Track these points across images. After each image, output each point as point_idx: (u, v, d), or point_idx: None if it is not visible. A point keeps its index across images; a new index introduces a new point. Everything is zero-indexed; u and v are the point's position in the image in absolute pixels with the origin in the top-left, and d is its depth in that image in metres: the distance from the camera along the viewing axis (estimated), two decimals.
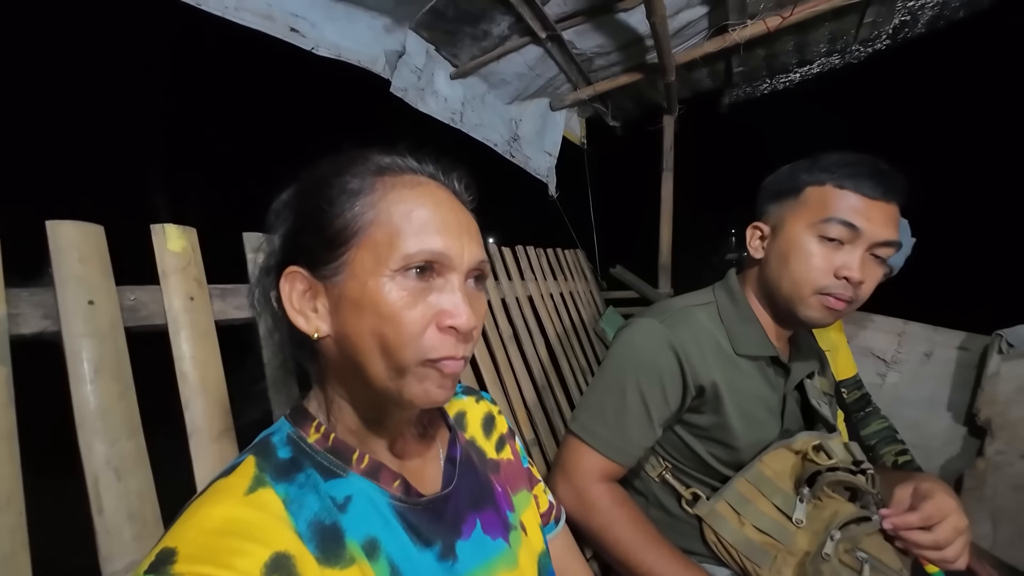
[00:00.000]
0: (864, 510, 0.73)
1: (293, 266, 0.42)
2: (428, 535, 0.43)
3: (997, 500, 1.45)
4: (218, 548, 0.32)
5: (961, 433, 1.62)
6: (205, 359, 0.60)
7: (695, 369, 0.79)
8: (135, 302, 0.57)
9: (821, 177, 0.75)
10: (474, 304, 0.43)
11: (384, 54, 1.38)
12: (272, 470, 0.39)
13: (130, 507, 0.49)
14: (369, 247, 0.40)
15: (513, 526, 0.53)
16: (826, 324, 0.78)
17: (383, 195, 0.41)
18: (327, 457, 0.42)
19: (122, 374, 0.53)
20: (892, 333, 1.80)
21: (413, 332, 0.39)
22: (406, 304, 0.39)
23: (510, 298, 1.43)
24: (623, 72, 1.92)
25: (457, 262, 0.42)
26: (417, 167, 0.45)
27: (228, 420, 0.60)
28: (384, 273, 0.39)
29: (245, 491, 0.37)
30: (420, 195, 0.42)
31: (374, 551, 0.39)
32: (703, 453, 0.83)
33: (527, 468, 0.63)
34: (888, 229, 0.72)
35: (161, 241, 0.61)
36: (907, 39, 1.85)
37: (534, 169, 2.11)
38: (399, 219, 0.40)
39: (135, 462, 0.51)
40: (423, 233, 0.40)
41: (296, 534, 0.36)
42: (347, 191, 0.42)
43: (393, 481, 0.44)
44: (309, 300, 0.42)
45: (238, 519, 0.35)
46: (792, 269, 0.76)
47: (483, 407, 0.63)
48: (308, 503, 0.38)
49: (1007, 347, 1.49)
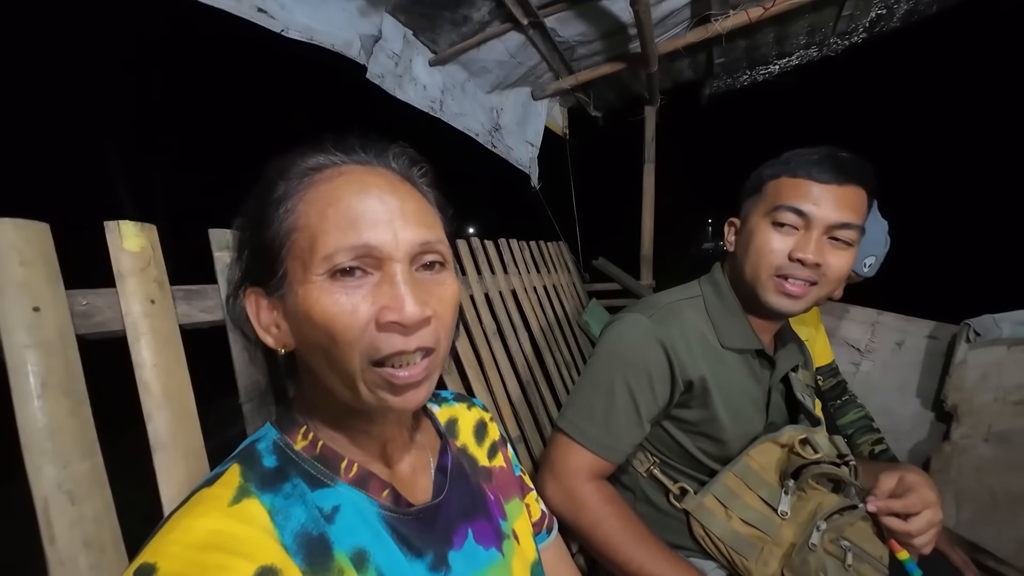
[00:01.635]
0: (847, 499, 0.74)
1: (251, 287, 0.41)
2: (419, 545, 0.42)
3: (961, 482, 1.52)
4: (202, 564, 0.30)
5: (929, 418, 1.68)
6: (168, 367, 0.56)
7: (683, 364, 0.79)
8: (87, 307, 0.52)
9: (778, 170, 0.79)
10: (431, 292, 0.40)
11: (359, 38, 1.31)
12: (257, 479, 0.37)
13: (86, 534, 0.45)
14: (296, 255, 0.38)
15: (506, 535, 0.51)
16: (791, 311, 0.79)
17: (302, 196, 0.39)
18: (314, 466, 0.40)
19: (74, 388, 0.48)
20: (866, 323, 1.85)
21: (349, 336, 0.36)
22: (341, 308, 0.36)
23: (493, 292, 1.40)
24: (605, 61, 1.89)
25: (390, 250, 0.38)
26: (342, 157, 0.42)
27: (196, 433, 0.56)
28: (311, 280, 0.37)
29: (229, 502, 0.35)
30: (339, 187, 0.39)
31: (363, 562, 0.37)
32: (691, 447, 0.83)
33: (519, 476, 0.62)
34: (842, 212, 0.74)
35: (116, 240, 0.56)
36: (883, 32, 1.88)
37: (516, 160, 2.08)
38: (316, 219, 0.38)
39: (91, 484, 0.46)
40: (342, 229, 0.37)
41: (282, 547, 0.34)
42: (273, 201, 0.40)
43: (382, 491, 0.42)
44: (274, 317, 0.41)
45: (222, 532, 0.33)
46: (751, 255, 0.80)
47: (475, 414, 0.61)
48: (295, 514, 0.36)
49: (974, 336, 1.55)
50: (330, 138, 0.42)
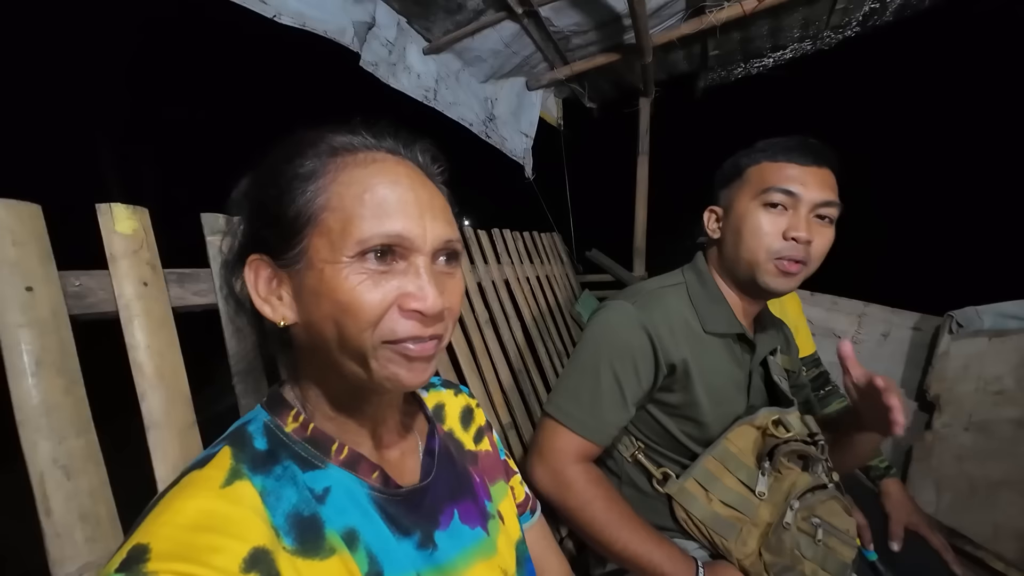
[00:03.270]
0: (818, 478, 0.78)
1: (256, 254, 0.41)
2: (407, 525, 0.43)
3: (942, 470, 1.56)
4: (194, 544, 0.31)
5: (912, 408, 1.72)
6: (162, 349, 0.57)
7: (666, 348, 0.81)
8: (80, 288, 0.53)
9: (757, 157, 0.83)
10: (445, 285, 0.42)
11: (352, 25, 1.31)
12: (249, 461, 0.38)
13: (82, 507, 0.46)
14: (323, 234, 0.38)
15: (491, 515, 0.53)
16: (785, 289, 0.82)
17: (334, 177, 0.39)
18: (306, 448, 0.41)
19: (68, 366, 0.49)
20: (853, 315, 1.88)
21: (371, 317, 0.38)
22: (365, 289, 0.37)
23: (486, 282, 1.41)
24: (600, 52, 1.89)
25: (419, 243, 0.39)
26: (373, 143, 0.43)
27: (190, 413, 0.57)
28: (340, 260, 0.37)
29: (221, 484, 0.35)
30: (374, 174, 0.40)
31: (353, 541, 0.39)
32: (674, 431, 0.85)
33: (504, 460, 0.63)
34: (825, 191, 0.79)
35: (108, 222, 0.56)
36: (876, 26, 1.89)
37: (510, 150, 2.08)
38: (351, 202, 0.38)
39: (86, 459, 0.48)
40: (378, 216, 0.38)
41: (272, 528, 0.35)
42: (299, 176, 0.39)
43: (372, 472, 0.43)
44: (275, 288, 0.41)
45: (214, 513, 0.33)
46: (746, 239, 0.82)
47: (461, 400, 0.62)
48: (286, 495, 0.37)
49: (957, 327, 1.58)
50: (360, 120, 0.43)
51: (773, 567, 0.71)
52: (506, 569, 0.50)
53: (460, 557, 0.46)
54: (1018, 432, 1.47)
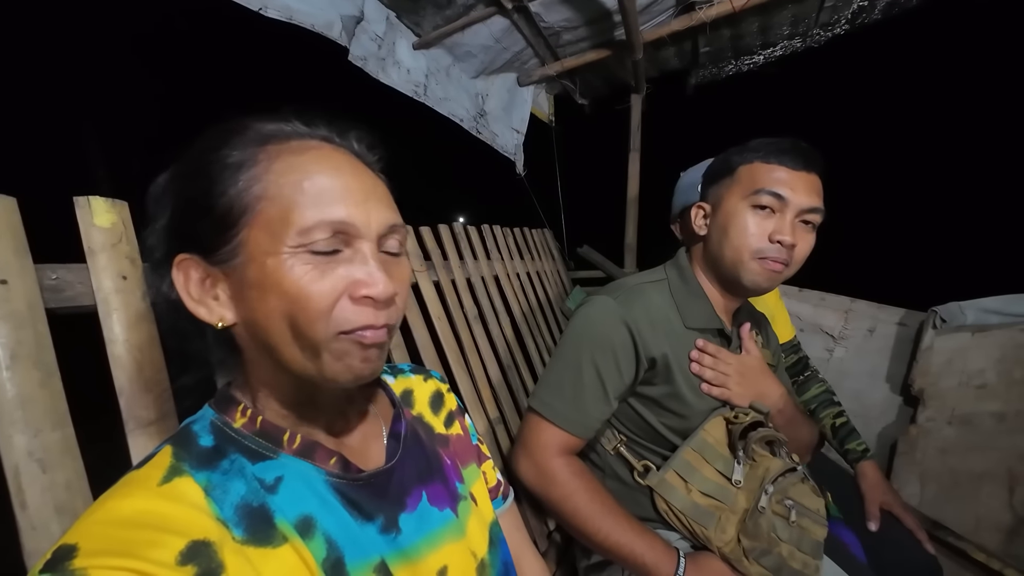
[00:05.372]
0: (787, 462, 0.80)
1: (183, 254, 0.39)
2: (369, 509, 0.43)
3: (926, 463, 1.58)
4: (128, 540, 0.31)
5: (897, 402, 1.74)
6: (141, 343, 0.57)
7: (646, 343, 0.82)
8: (58, 281, 0.53)
9: (749, 156, 0.83)
10: (392, 270, 0.41)
11: (340, 19, 1.30)
12: (192, 459, 0.37)
13: (57, 500, 0.46)
14: (262, 225, 0.37)
15: (462, 496, 0.53)
16: (767, 288, 0.84)
17: (268, 166, 0.38)
18: (255, 440, 0.41)
19: (44, 360, 0.49)
20: (840, 311, 1.90)
21: (322, 307, 0.37)
22: (312, 279, 0.37)
23: (475, 278, 1.41)
24: (591, 48, 1.89)
25: (364, 229, 0.39)
26: (305, 130, 0.42)
27: (169, 407, 0.57)
28: (282, 251, 0.36)
29: (159, 482, 0.35)
30: (311, 161, 0.39)
31: (308, 529, 0.38)
32: (655, 423, 0.86)
33: (476, 445, 0.63)
34: (811, 197, 0.80)
35: (87, 216, 0.56)
36: (864, 24, 1.90)
37: (501, 146, 2.08)
38: (290, 190, 0.37)
39: (62, 453, 0.48)
40: (320, 204, 0.37)
41: (219, 521, 0.35)
42: (228, 166, 0.38)
43: (329, 459, 0.43)
44: (209, 288, 0.39)
45: (150, 511, 0.33)
46: (732, 237, 0.82)
47: (431, 385, 0.62)
48: (233, 488, 0.37)
49: (940, 322, 1.60)
50: (290, 108, 0.42)
51: (752, 552, 0.73)
52: (475, 550, 0.50)
53: (426, 539, 0.46)
54: (1000, 426, 1.49)
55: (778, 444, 0.82)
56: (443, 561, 0.46)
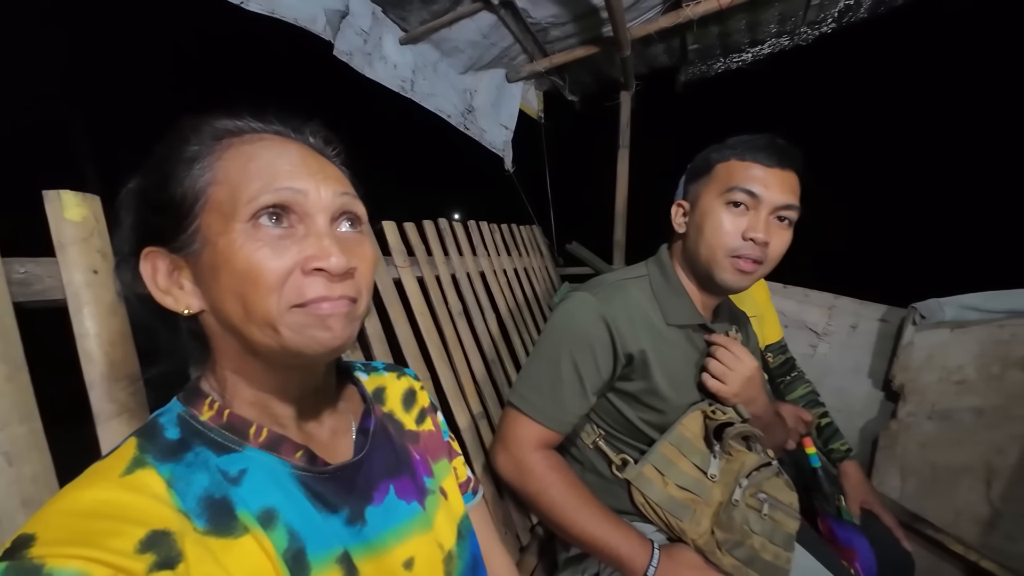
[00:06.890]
0: (762, 457, 0.82)
1: (149, 246, 0.40)
2: (334, 502, 0.43)
3: (906, 457, 1.61)
4: (87, 530, 0.31)
5: (879, 398, 1.77)
6: (112, 338, 0.57)
7: (624, 339, 0.83)
8: (26, 275, 0.53)
9: (726, 154, 0.84)
10: (350, 247, 0.41)
11: (324, 13, 1.29)
12: (156, 451, 0.38)
13: (24, 493, 0.46)
14: (213, 208, 0.38)
15: (431, 490, 0.53)
16: (741, 287, 0.84)
17: (219, 156, 0.39)
18: (221, 434, 0.41)
19: (11, 354, 0.49)
20: (824, 307, 1.92)
21: (271, 281, 0.37)
22: (264, 256, 0.37)
23: (460, 274, 1.42)
24: (579, 45, 1.89)
25: (313, 200, 0.40)
26: (259, 126, 0.43)
27: (141, 400, 0.57)
28: (233, 229, 0.37)
29: (121, 472, 0.35)
30: (258, 148, 0.40)
31: (270, 520, 0.39)
32: (634, 418, 0.87)
33: (447, 441, 0.64)
34: (786, 194, 0.80)
35: (56, 209, 0.56)
36: (851, 23, 1.91)
37: (489, 142, 2.07)
38: (237, 173, 0.38)
39: (29, 447, 0.48)
40: (264, 177, 0.38)
41: (180, 512, 0.35)
42: (183, 160, 0.39)
43: (295, 452, 0.43)
44: (175, 278, 0.41)
45: (109, 501, 0.33)
46: (706, 235, 0.83)
47: (404, 382, 0.63)
48: (197, 480, 0.37)
49: (920, 319, 1.62)
50: (246, 106, 0.43)
51: (725, 543, 0.74)
52: (442, 543, 0.50)
53: (392, 532, 0.46)
54: (978, 420, 1.52)
55: (754, 439, 0.83)
56: (409, 553, 0.47)
